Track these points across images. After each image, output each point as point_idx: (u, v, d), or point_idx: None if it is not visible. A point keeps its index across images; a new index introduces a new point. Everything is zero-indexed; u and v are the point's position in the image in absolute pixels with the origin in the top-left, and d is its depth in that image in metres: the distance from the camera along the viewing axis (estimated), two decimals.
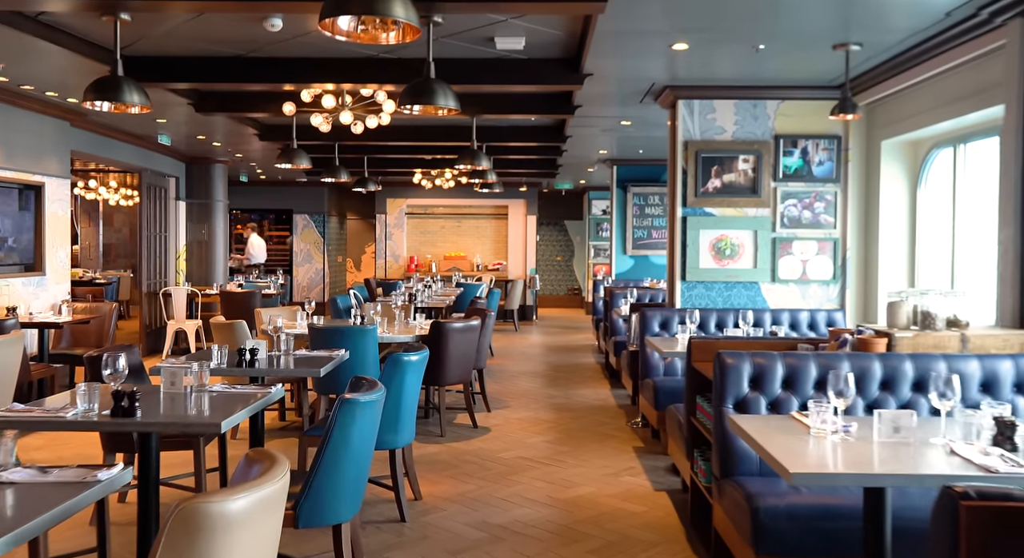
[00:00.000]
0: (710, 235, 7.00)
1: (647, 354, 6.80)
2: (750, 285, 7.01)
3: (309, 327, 6.39)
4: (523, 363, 11.10)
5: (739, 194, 6.96)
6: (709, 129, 6.98)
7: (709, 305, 7.00)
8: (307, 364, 4.81)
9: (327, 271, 18.12)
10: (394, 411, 4.61)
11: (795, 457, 2.69)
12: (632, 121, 8.95)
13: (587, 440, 6.73)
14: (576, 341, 13.70)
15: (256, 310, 7.78)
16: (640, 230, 12.87)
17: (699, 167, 6.96)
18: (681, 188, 7.00)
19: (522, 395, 8.71)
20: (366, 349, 6.35)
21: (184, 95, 7.65)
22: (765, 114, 6.95)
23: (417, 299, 10.04)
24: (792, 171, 6.96)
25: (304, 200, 17.86)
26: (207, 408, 3.51)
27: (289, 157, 9.03)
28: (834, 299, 6.98)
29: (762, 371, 3.90)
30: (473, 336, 7.05)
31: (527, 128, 10.23)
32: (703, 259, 7.00)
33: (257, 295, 11.10)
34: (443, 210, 18.04)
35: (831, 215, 6.95)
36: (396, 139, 10.38)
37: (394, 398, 4.62)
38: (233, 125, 9.68)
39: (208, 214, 12.80)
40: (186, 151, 12.13)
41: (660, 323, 6.86)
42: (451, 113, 5.46)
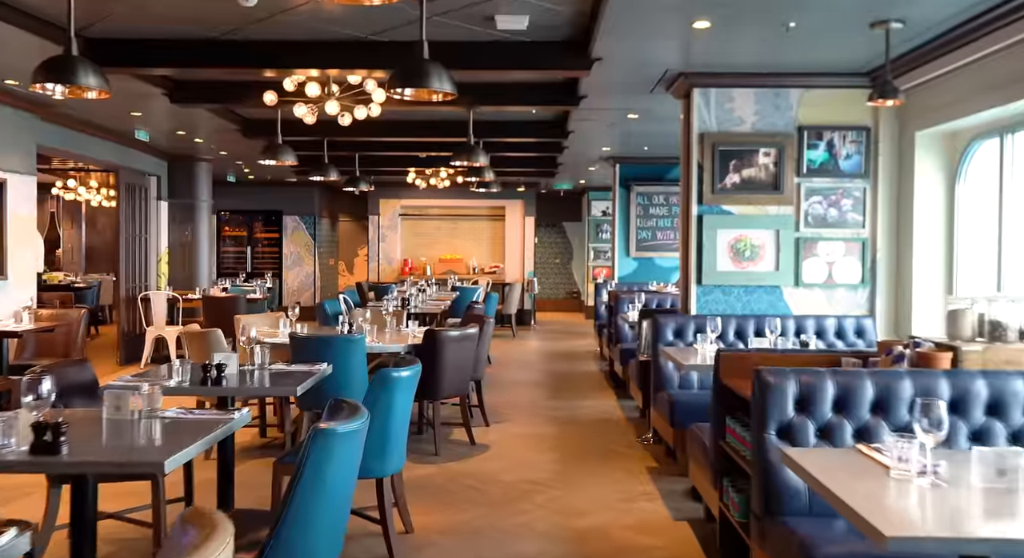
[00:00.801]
0: (728, 235, 6.44)
1: (661, 365, 6.24)
2: (771, 289, 6.45)
3: (291, 337, 5.82)
4: (522, 371, 10.53)
5: (759, 190, 6.41)
6: (727, 120, 6.43)
7: (727, 311, 6.44)
8: (283, 380, 4.24)
9: (318, 274, 17.53)
10: (381, 435, 4.04)
11: (882, 512, 2.13)
12: (640, 114, 8.39)
13: (595, 459, 6.16)
14: (577, 347, 13.13)
15: (235, 317, 7.20)
16: (644, 231, 12.31)
17: (716, 161, 6.41)
18: (696, 184, 6.44)
19: (522, 407, 8.14)
20: (353, 361, 5.77)
21: (157, 84, 7.08)
22: (787, 104, 6.40)
23: (410, 304, 9.47)
24: (817, 165, 6.40)
25: (294, 201, 17.28)
26: (156, 439, 2.93)
27: (273, 153, 8.46)
28: (863, 305, 6.42)
29: (810, 391, 3.34)
30: (470, 345, 6.48)
31: (527, 123, 9.68)
32: (720, 261, 6.44)
33: (241, 300, 10.53)
34: (438, 211, 17.48)
35: (859, 213, 6.39)
36: (388, 134, 9.83)
37: (381, 420, 4.05)
38: (214, 120, 9.10)
39: (192, 215, 12.22)
40: (168, 149, 11.55)
41: (674, 331, 6.30)
42: (447, 98, 4.89)
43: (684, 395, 5.83)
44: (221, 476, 4.01)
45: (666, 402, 5.83)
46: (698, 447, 4.67)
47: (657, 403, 6.20)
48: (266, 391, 4.13)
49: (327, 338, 5.81)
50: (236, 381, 4.15)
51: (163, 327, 10.37)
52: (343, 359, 5.74)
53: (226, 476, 4.01)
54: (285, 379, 4.26)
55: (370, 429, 3.99)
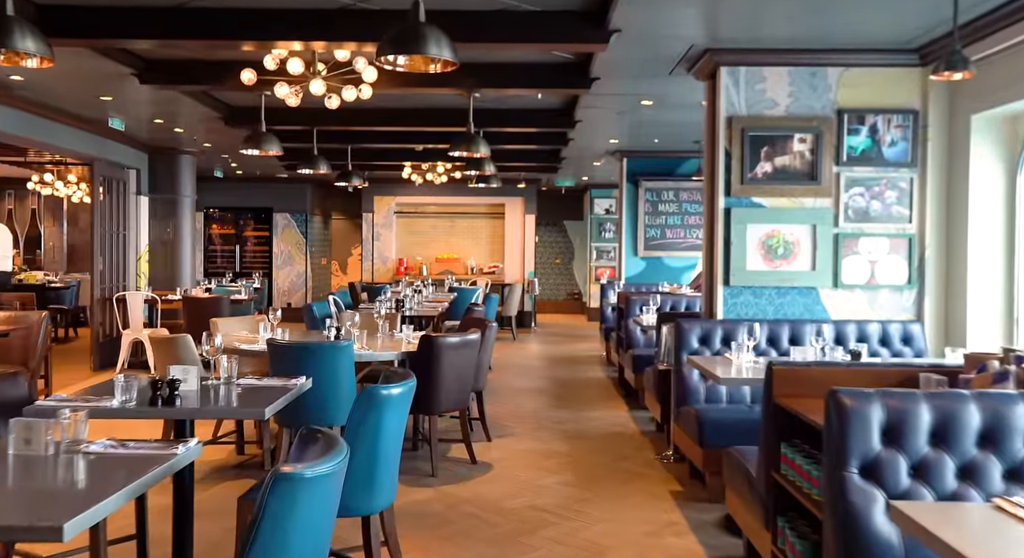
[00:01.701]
0: (759, 230, 5.77)
1: (684, 375, 5.58)
2: (807, 291, 5.79)
3: (268, 344, 5.15)
4: (525, 378, 9.86)
5: (794, 181, 5.75)
6: (758, 102, 5.77)
7: (758, 315, 5.78)
8: (252, 399, 3.56)
9: (310, 274, 16.84)
10: (368, 465, 3.37)
11: None
12: (654, 100, 7.72)
13: (612, 481, 5.49)
14: (580, 351, 12.46)
15: (211, 321, 6.52)
16: (653, 229, 11.65)
17: (746, 148, 5.74)
18: (724, 174, 5.78)
19: (527, 419, 7.47)
20: (339, 372, 5.10)
21: (125, 62, 6.40)
22: (825, 84, 5.74)
23: (405, 306, 8.80)
24: (858, 153, 5.74)
25: (285, 198, 16.58)
26: (73, 483, 2.26)
27: (256, 142, 7.76)
28: (909, 308, 5.76)
29: (900, 419, 2.67)
30: (471, 353, 5.81)
31: (531, 111, 9.01)
32: (751, 259, 5.78)
33: (225, 301, 9.85)
34: (435, 209, 16.80)
35: (906, 206, 5.74)
36: (381, 123, 9.16)
37: (368, 447, 3.38)
38: (195, 107, 8.42)
39: (174, 211, 11.52)
40: (148, 140, 10.86)
41: (699, 337, 5.63)
42: (446, 69, 4.24)
43: (713, 411, 5.16)
44: (177, 513, 3.34)
45: (692, 418, 5.16)
46: (739, 475, 4.00)
47: (681, 418, 5.53)
48: (228, 412, 3.46)
49: (310, 345, 5.13)
50: (196, 400, 3.47)
51: (140, 330, 9.69)
52: (328, 369, 5.07)
53: (183, 512, 3.35)
54: (254, 397, 3.58)
55: (354, 458, 3.32)
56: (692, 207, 11.59)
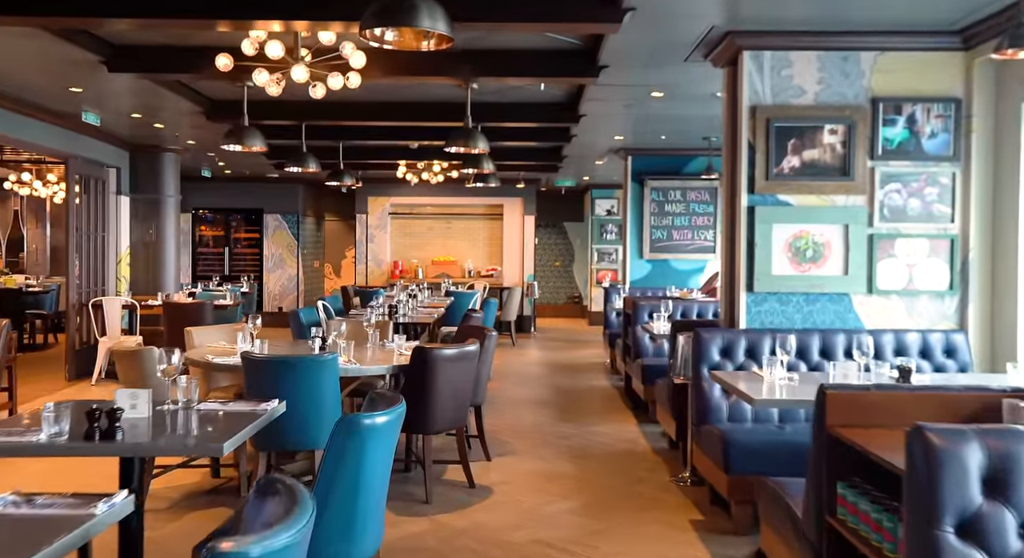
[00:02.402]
0: (786, 231, 5.25)
1: (704, 390, 5.05)
2: (838, 297, 5.26)
3: (243, 358, 4.61)
4: (525, 387, 9.32)
5: (824, 176, 5.23)
6: (784, 90, 5.24)
7: (783, 324, 5.25)
8: (211, 429, 3.02)
9: (301, 278, 16.29)
10: (347, 510, 2.83)
11: None
12: (665, 92, 7.20)
13: (625, 507, 4.96)
14: (582, 358, 11.92)
15: (186, 330, 5.98)
16: (659, 230, 11.12)
17: (771, 141, 5.22)
18: (747, 169, 5.25)
19: (529, 434, 6.94)
20: (321, 389, 4.57)
21: (91, 48, 5.86)
22: (858, 70, 5.22)
23: (399, 312, 8.26)
24: (895, 146, 5.22)
25: (276, 199, 16.03)
26: None
27: (239, 137, 7.23)
28: (951, 317, 5.24)
29: (1005, 464, 2.15)
30: (469, 366, 5.28)
31: (532, 106, 8.48)
32: (777, 263, 5.25)
33: (208, 307, 9.31)
34: (431, 210, 16.26)
35: (947, 204, 5.22)
36: (373, 118, 8.63)
37: (347, 489, 2.85)
38: (173, 100, 7.88)
39: (157, 211, 10.97)
40: (128, 137, 10.31)
41: (721, 349, 5.10)
42: (441, 46, 3.72)
43: (740, 432, 4.63)
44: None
45: (716, 440, 4.63)
46: (778, 511, 3.47)
47: (701, 438, 5.00)
48: (178, 448, 2.92)
49: (288, 359, 4.59)
50: (147, 430, 2.93)
51: (118, 337, 9.14)
52: (309, 386, 4.54)
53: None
54: (214, 426, 3.04)
55: (331, 501, 2.79)
56: (700, 207, 11.07)
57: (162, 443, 2.80)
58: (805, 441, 4.45)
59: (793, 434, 4.55)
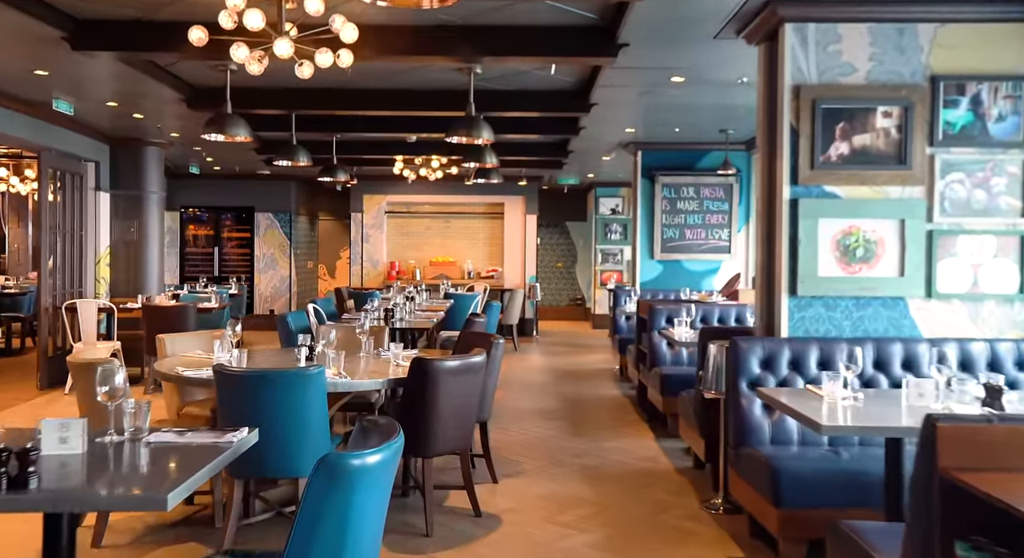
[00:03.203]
0: (833, 227, 4.64)
1: (743, 408, 4.43)
2: (893, 302, 4.65)
3: (215, 371, 3.99)
4: (531, 396, 8.71)
5: (877, 165, 4.62)
6: (832, 67, 4.64)
7: (831, 332, 4.64)
8: (158, 470, 2.39)
9: (294, 279, 15.66)
10: None
11: None
12: (687, 76, 6.60)
13: (653, 540, 4.35)
14: (589, 364, 11.30)
15: (158, 337, 5.36)
16: (671, 229, 10.51)
17: (817, 125, 4.61)
18: (789, 157, 4.64)
19: (538, 450, 6.32)
20: (305, 408, 3.95)
21: (52, 23, 5.24)
22: (916, 44, 4.62)
23: (395, 316, 7.64)
24: (958, 130, 4.62)
25: (267, 196, 15.40)
26: None
27: (220, 125, 6.64)
28: (1022, 324, 4.63)
29: None
30: (475, 379, 4.66)
31: (539, 94, 7.87)
32: (823, 263, 4.64)
33: (191, 311, 8.68)
34: (429, 208, 15.64)
35: (1017, 196, 4.61)
36: (368, 106, 8.02)
37: (330, 546, 2.23)
38: (152, 87, 7.26)
39: (139, 209, 10.34)
40: (107, 129, 9.69)
41: (762, 361, 4.49)
42: (444, 3, 3.11)
43: (789, 458, 4.01)
44: None
45: (761, 466, 4.01)
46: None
47: (741, 464, 4.38)
48: (106, 502, 2.30)
49: (267, 374, 3.97)
50: (76, 473, 2.30)
51: (93, 343, 8.51)
52: (290, 405, 3.93)
53: None
54: (163, 465, 2.42)
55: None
56: (715, 205, 10.46)
57: (88, 493, 2.18)
58: (865, 469, 3.84)
59: (851, 461, 3.94)
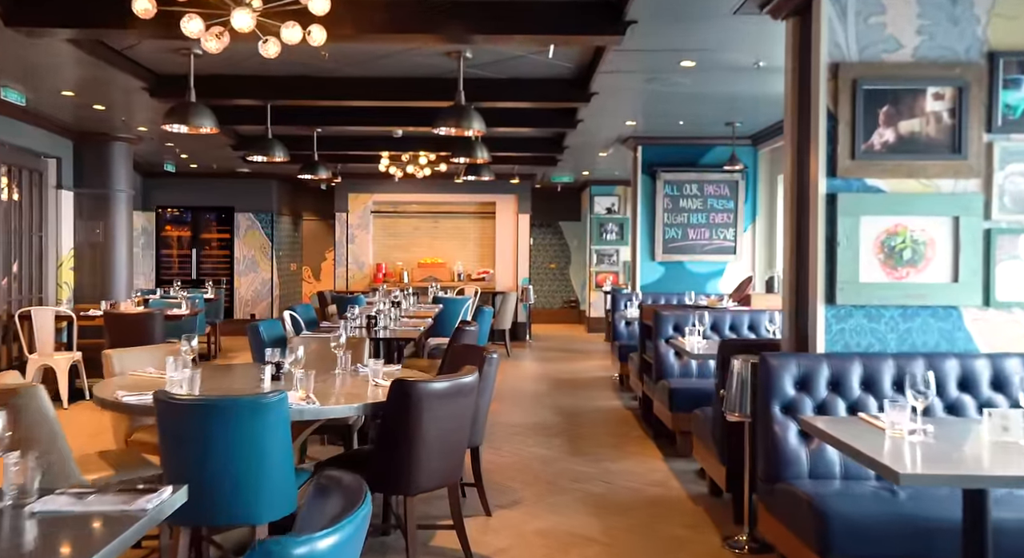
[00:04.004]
0: (877, 225, 4.04)
1: (777, 435, 3.83)
2: (945, 312, 4.05)
3: (155, 399, 3.35)
4: (525, 409, 8.09)
5: (927, 154, 4.02)
6: (875, 42, 4.04)
7: (874, 346, 4.04)
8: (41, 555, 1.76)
9: (276, 282, 14.99)
10: None
11: None
12: (699, 61, 6.00)
13: None
14: (585, 371, 10.69)
15: (104, 353, 4.71)
16: (673, 229, 9.92)
17: (858, 109, 4.01)
18: (825, 145, 4.04)
19: (535, 475, 5.70)
20: (262, 444, 3.31)
21: None
22: (971, 15, 4.02)
23: (378, 324, 7.00)
24: (1020, 114, 4.03)
25: (247, 196, 14.73)
26: None
27: (183, 115, 6.03)
28: None
29: None
30: (466, 403, 4.04)
31: (534, 83, 7.25)
32: (865, 267, 4.04)
33: (157, 318, 8.03)
34: (417, 208, 15.01)
35: None
36: (349, 96, 7.39)
37: None
38: (108, 73, 6.61)
39: (105, 208, 9.68)
40: (70, 123, 9.03)
41: (796, 381, 3.89)
42: None
43: (837, 499, 3.39)
44: None
45: (802, 507, 3.40)
46: None
47: (774, 499, 3.77)
48: None
49: (215, 403, 3.32)
50: None
51: (50, 354, 7.84)
52: (244, 440, 3.30)
53: None
54: (44, 547, 1.78)
55: None
56: (719, 203, 9.87)
57: None
58: (930, 514, 3.22)
59: (911, 503, 3.33)
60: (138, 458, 4.01)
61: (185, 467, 3.30)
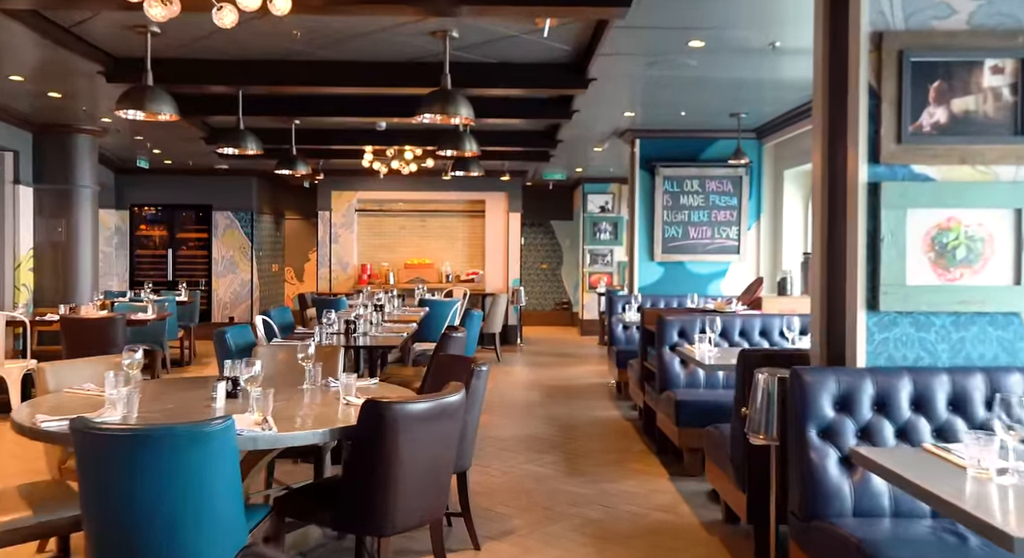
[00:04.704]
0: (926, 219, 3.49)
1: (813, 463, 3.27)
2: (1005, 319, 3.51)
3: (71, 428, 2.76)
4: (516, 421, 7.52)
5: (984, 136, 3.48)
6: (923, 8, 3.49)
7: (924, 359, 3.50)
8: None
9: (256, 283, 14.38)
10: None
11: None
12: (709, 40, 5.45)
13: None
14: (580, 377, 10.14)
15: (38, 367, 4.12)
16: (673, 227, 9.38)
17: (905, 84, 3.46)
18: (867, 126, 3.49)
19: (528, 498, 5.13)
20: (202, 482, 2.74)
21: None
22: None
23: (357, 330, 6.42)
24: None
25: (226, 193, 14.11)
26: None
27: (139, 100, 5.45)
28: None
29: None
30: (451, 426, 3.47)
31: (527, 68, 6.68)
32: (913, 268, 3.49)
33: (119, 323, 7.43)
34: (403, 206, 14.43)
35: None
36: (326, 81, 6.81)
37: None
38: (56, 53, 6.03)
39: (68, 205, 9.08)
40: (28, 114, 8.42)
41: (836, 401, 3.34)
42: None
43: (892, 546, 2.84)
44: None
45: (850, 554, 2.85)
46: None
47: (812, 540, 3.21)
48: None
49: (143, 434, 2.74)
50: None
51: (1, 363, 7.22)
52: (180, 477, 2.72)
53: None
54: None
55: None
56: (722, 200, 9.33)
57: None
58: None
59: (985, 555, 2.77)
60: (67, 493, 3.42)
61: (109, 510, 2.72)
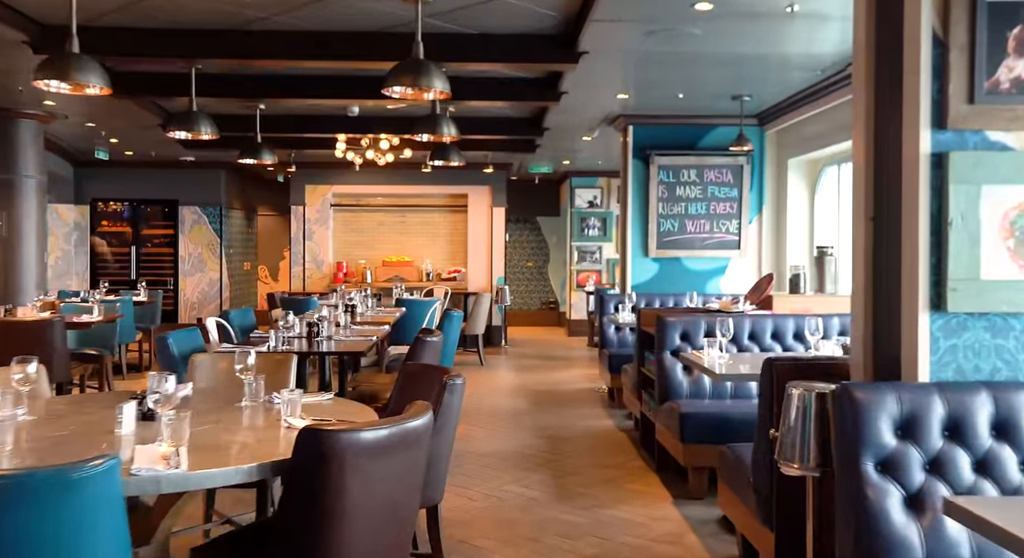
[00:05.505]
0: (1005, 198, 2.83)
1: (872, 504, 2.60)
2: None
3: None
4: (500, 433, 6.83)
5: None
6: None
7: (1001, 371, 2.83)
8: None
9: (226, 282, 13.62)
10: None
11: None
12: (717, 2, 4.77)
13: None
14: (568, 382, 9.46)
15: None
16: (669, 221, 8.71)
17: (979, 31, 2.80)
18: (930, 82, 2.82)
19: (513, 528, 4.44)
20: (78, 543, 2.03)
21: None
22: None
23: (320, 334, 5.70)
24: None
25: (193, 188, 13.35)
26: None
27: (60, 69, 4.69)
28: None
29: None
30: (416, 455, 2.76)
31: (510, 41, 6.00)
32: (988, 257, 2.83)
33: (57, 326, 6.68)
34: (382, 201, 13.71)
35: None
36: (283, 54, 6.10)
37: None
38: None
39: (9, 197, 8.32)
40: None
41: (897, 425, 2.66)
42: None
43: None
44: None
45: None
46: None
47: None
48: None
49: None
50: None
51: None
52: (50, 538, 2.01)
53: None
54: None
55: None
56: (722, 191, 8.68)
57: None
58: None
59: None
60: None
61: None
